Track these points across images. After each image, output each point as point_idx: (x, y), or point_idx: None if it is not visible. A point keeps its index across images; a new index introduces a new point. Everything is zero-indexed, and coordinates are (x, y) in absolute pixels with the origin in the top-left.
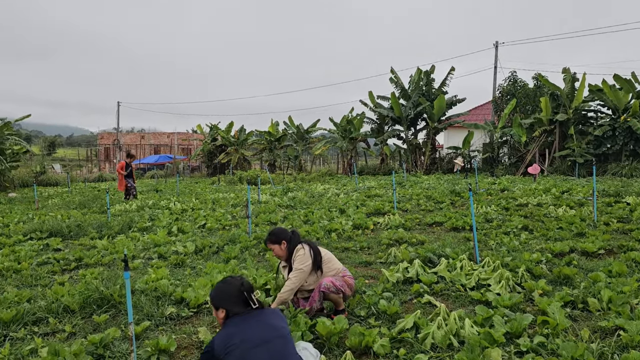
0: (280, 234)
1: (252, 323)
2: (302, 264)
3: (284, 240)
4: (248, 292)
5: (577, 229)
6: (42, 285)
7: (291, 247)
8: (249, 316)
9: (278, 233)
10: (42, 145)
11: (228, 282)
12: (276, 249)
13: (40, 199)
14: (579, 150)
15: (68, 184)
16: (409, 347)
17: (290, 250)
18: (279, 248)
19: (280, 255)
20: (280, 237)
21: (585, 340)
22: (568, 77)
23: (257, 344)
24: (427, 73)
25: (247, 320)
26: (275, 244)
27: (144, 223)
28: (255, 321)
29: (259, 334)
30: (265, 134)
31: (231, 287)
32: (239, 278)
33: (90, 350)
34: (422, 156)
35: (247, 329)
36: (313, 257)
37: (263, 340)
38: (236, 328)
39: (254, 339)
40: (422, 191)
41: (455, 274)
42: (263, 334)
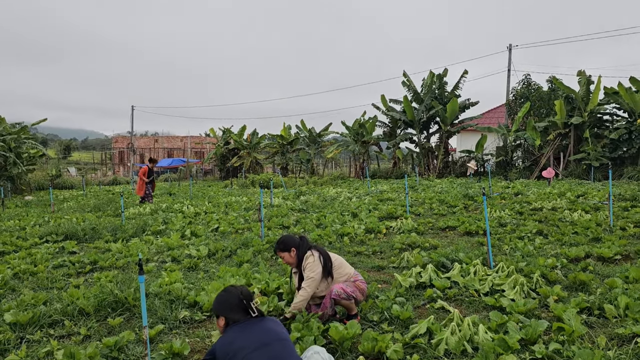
0: (289, 241)
1: (251, 329)
2: (313, 272)
3: (293, 248)
4: (247, 301)
5: (592, 234)
6: (58, 288)
7: (300, 254)
8: (248, 323)
9: (286, 241)
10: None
11: (228, 291)
12: (286, 256)
13: (55, 202)
14: (594, 153)
15: (83, 187)
16: (422, 353)
17: (300, 257)
18: (288, 256)
19: (290, 262)
20: (289, 245)
21: (602, 347)
22: (583, 80)
23: (256, 347)
24: (439, 76)
25: (247, 327)
26: (285, 252)
27: (158, 226)
28: (254, 327)
29: (258, 338)
30: (277, 138)
31: (231, 296)
32: (239, 287)
33: (105, 353)
34: (434, 160)
35: (246, 335)
36: (323, 263)
37: (262, 344)
38: (236, 334)
39: (253, 343)
40: (435, 195)
41: (468, 279)
42: (262, 338)
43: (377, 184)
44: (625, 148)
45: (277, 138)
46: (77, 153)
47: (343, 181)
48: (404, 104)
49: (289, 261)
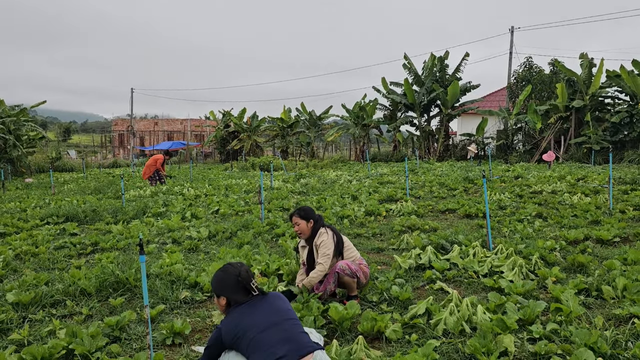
0: (310, 211)
1: (258, 308)
2: (327, 248)
3: (311, 219)
4: (246, 282)
5: (592, 217)
6: (60, 268)
7: (316, 227)
8: (253, 303)
9: (308, 210)
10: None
11: (226, 270)
12: (302, 225)
13: (56, 184)
14: (595, 137)
15: (83, 170)
16: (420, 333)
17: (314, 231)
18: (305, 225)
19: (304, 232)
20: (310, 215)
21: (599, 327)
22: (585, 63)
23: (266, 327)
24: (440, 59)
25: (253, 306)
26: (304, 220)
27: (158, 209)
28: (260, 306)
29: (267, 318)
30: (277, 121)
31: (229, 276)
32: (238, 267)
33: (106, 332)
34: (435, 143)
35: (253, 315)
36: (335, 242)
37: (272, 323)
38: (242, 315)
39: (263, 323)
40: (435, 178)
41: (467, 260)
42: (271, 318)
43: (377, 167)
44: (626, 132)
45: (277, 121)
46: (77, 136)
47: (343, 164)
48: (405, 87)
49: (303, 230)
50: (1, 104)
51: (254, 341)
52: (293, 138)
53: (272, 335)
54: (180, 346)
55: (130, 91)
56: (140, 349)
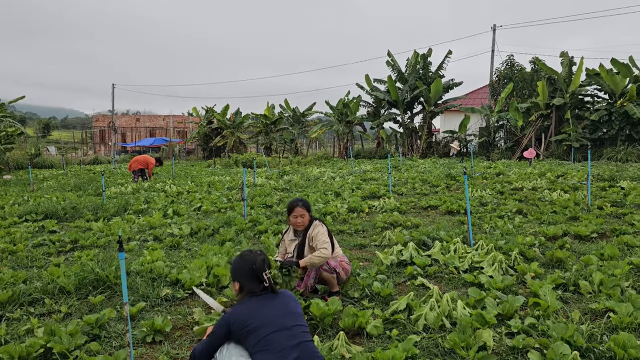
0: (309, 205)
1: (272, 307)
2: (325, 236)
3: (309, 213)
4: (260, 272)
5: (570, 213)
6: (38, 266)
7: (310, 220)
8: (266, 298)
9: (308, 204)
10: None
11: (244, 257)
12: (306, 216)
13: (35, 181)
14: (574, 134)
15: (63, 167)
16: (401, 328)
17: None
18: (308, 216)
19: (302, 224)
20: (309, 207)
21: (576, 321)
22: (566, 61)
23: (279, 328)
24: (424, 56)
25: (266, 302)
26: (308, 211)
27: (140, 205)
28: (274, 305)
29: (280, 319)
30: (261, 117)
31: (245, 263)
32: (255, 255)
33: (86, 330)
34: (418, 140)
35: (267, 312)
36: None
37: (285, 326)
38: (254, 309)
39: (276, 323)
40: (418, 175)
41: (448, 256)
42: (284, 320)
43: (360, 164)
44: (605, 129)
45: (261, 118)
46: (56, 132)
47: (327, 161)
48: (388, 84)
49: (303, 222)
50: None
51: (264, 340)
52: (276, 135)
53: (283, 339)
54: (160, 344)
55: (112, 87)
56: (120, 347)
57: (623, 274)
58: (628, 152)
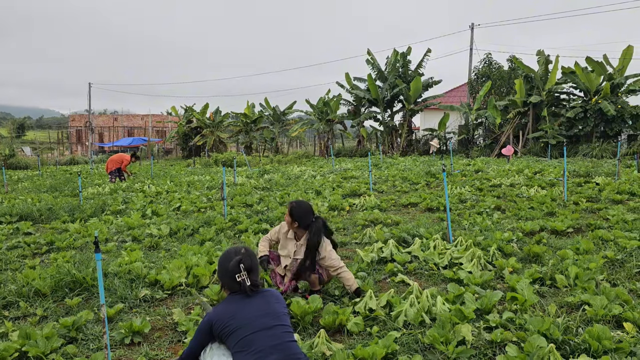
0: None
1: (252, 307)
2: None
3: (296, 222)
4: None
5: (547, 209)
6: (12, 269)
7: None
8: (248, 298)
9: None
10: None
11: (225, 256)
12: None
13: (9, 182)
14: (551, 132)
15: (39, 167)
16: (382, 325)
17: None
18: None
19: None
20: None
21: (552, 315)
22: (542, 60)
23: (259, 329)
24: (403, 55)
25: (248, 303)
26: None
27: (118, 206)
28: (257, 304)
29: (261, 319)
30: (241, 116)
31: (225, 263)
32: (241, 253)
33: (62, 333)
34: (398, 138)
35: (247, 312)
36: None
37: (265, 326)
38: (234, 309)
39: (256, 323)
40: (398, 173)
41: (428, 253)
42: (266, 321)
43: (341, 162)
44: (580, 126)
45: (241, 116)
46: (31, 132)
47: (307, 159)
48: (368, 82)
49: (287, 223)
50: None
51: (244, 340)
52: (257, 133)
53: (262, 339)
54: (139, 345)
55: (88, 86)
56: (97, 349)
57: (598, 268)
58: (603, 148)
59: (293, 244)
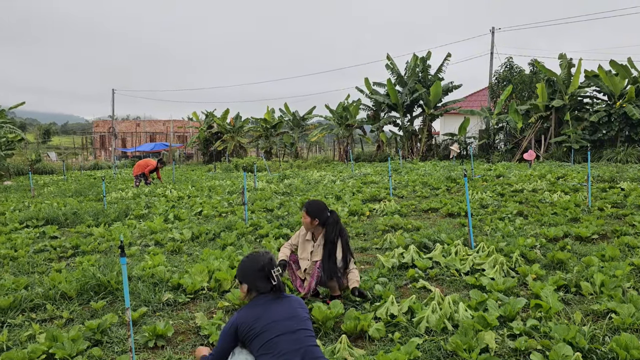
0: (317, 210)
1: (277, 310)
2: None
3: (316, 218)
4: (269, 270)
5: (571, 214)
6: (39, 272)
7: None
8: (274, 300)
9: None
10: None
11: (252, 257)
12: (307, 220)
13: (36, 187)
14: (574, 136)
15: (64, 172)
16: (403, 331)
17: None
18: (309, 222)
19: (306, 227)
20: (314, 214)
21: (578, 323)
22: (564, 63)
23: (282, 332)
24: (423, 59)
25: (272, 306)
26: (309, 217)
27: (141, 210)
28: (281, 308)
29: (285, 322)
30: (261, 121)
31: (254, 263)
32: (264, 254)
33: (88, 336)
34: (418, 143)
35: (271, 315)
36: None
37: (289, 330)
38: (259, 312)
39: (280, 327)
40: (418, 178)
41: (450, 259)
42: (289, 325)
43: (360, 167)
44: (604, 131)
45: (261, 122)
46: (57, 137)
47: (327, 164)
48: (388, 87)
49: (306, 225)
50: None
51: (268, 343)
52: (277, 139)
53: (286, 343)
54: (162, 348)
55: (112, 92)
56: (122, 352)
57: (624, 275)
58: (628, 153)
59: (310, 245)
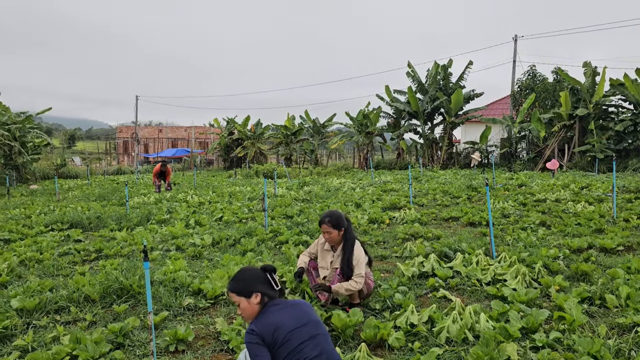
0: (341, 219)
1: (293, 316)
2: (361, 269)
3: (342, 228)
4: (271, 274)
5: (595, 225)
6: (64, 275)
7: (348, 237)
8: (285, 307)
9: (339, 217)
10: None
11: (248, 269)
12: (334, 234)
13: (60, 191)
14: (599, 145)
15: (88, 177)
16: (423, 341)
17: (345, 240)
18: (337, 234)
19: (333, 240)
20: (341, 224)
21: (602, 336)
22: (589, 71)
23: (306, 338)
24: (444, 67)
25: (287, 312)
26: (335, 229)
27: (162, 215)
28: (295, 314)
29: (304, 329)
30: (281, 128)
31: (254, 271)
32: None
33: (110, 339)
34: (438, 151)
35: (290, 322)
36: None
37: (310, 336)
38: (280, 316)
39: (302, 334)
40: (439, 186)
41: (471, 268)
42: (309, 329)
43: (380, 175)
44: (630, 140)
45: (281, 128)
46: (81, 142)
47: (347, 172)
48: (408, 95)
49: (333, 239)
50: (7, 111)
51: (294, 352)
52: (297, 145)
53: (310, 348)
54: (183, 353)
55: (135, 98)
56: (143, 356)
57: None
58: None
59: (330, 255)
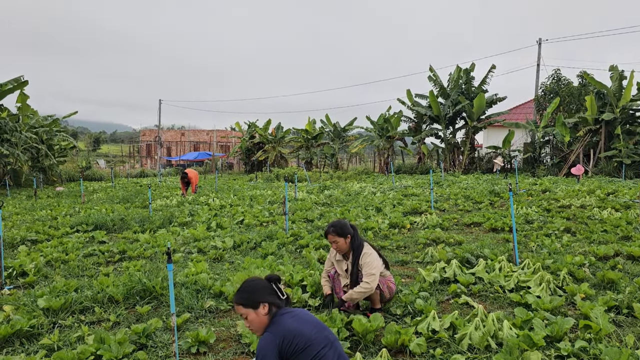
0: (345, 227)
1: (307, 322)
2: (374, 268)
3: (349, 235)
4: (276, 283)
5: (622, 232)
6: (88, 275)
7: (355, 243)
8: (295, 314)
9: (343, 226)
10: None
11: (253, 280)
12: (341, 242)
13: (85, 193)
14: (625, 150)
15: (112, 179)
16: (445, 347)
17: (353, 246)
18: (343, 242)
19: (342, 248)
20: (346, 231)
21: (630, 346)
22: (615, 75)
23: (324, 344)
24: (466, 71)
25: (301, 317)
26: (341, 237)
27: (184, 218)
28: (309, 320)
29: (321, 335)
30: (302, 132)
31: (260, 281)
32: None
33: (133, 339)
34: (460, 155)
35: (306, 329)
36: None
37: (329, 341)
38: (296, 323)
39: (320, 340)
40: (460, 191)
41: (493, 275)
42: (326, 335)
43: (401, 179)
44: None
45: (302, 132)
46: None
47: (367, 176)
48: (430, 99)
49: (341, 247)
50: (35, 114)
51: (317, 357)
52: (317, 149)
53: (330, 354)
54: (205, 355)
55: (159, 102)
56: (165, 357)
57: None
58: None
59: (344, 263)
